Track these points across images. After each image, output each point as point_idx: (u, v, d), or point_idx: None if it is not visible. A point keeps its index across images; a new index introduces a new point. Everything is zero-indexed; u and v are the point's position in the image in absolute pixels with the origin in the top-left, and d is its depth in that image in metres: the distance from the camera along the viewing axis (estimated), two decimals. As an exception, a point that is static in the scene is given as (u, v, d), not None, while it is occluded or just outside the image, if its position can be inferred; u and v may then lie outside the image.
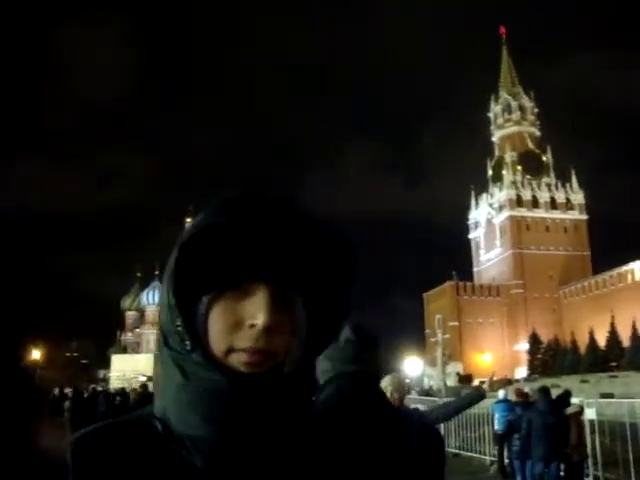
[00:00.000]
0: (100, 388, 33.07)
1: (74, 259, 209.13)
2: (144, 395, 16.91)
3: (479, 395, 5.79)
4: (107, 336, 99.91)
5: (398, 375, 5.27)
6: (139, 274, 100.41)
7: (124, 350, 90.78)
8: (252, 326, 0.68)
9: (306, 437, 0.75)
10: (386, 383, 4.89)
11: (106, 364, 79.19)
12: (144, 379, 63.82)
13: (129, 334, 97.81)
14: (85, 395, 19.54)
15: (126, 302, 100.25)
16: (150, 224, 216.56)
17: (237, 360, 0.68)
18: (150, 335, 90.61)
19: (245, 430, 0.68)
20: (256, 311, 0.67)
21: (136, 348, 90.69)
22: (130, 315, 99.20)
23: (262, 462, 0.70)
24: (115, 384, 56.36)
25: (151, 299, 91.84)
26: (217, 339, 0.69)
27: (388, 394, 4.76)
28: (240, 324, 0.68)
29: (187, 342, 0.68)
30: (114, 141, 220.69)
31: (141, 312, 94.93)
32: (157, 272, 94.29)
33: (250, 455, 0.69)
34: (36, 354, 56.99)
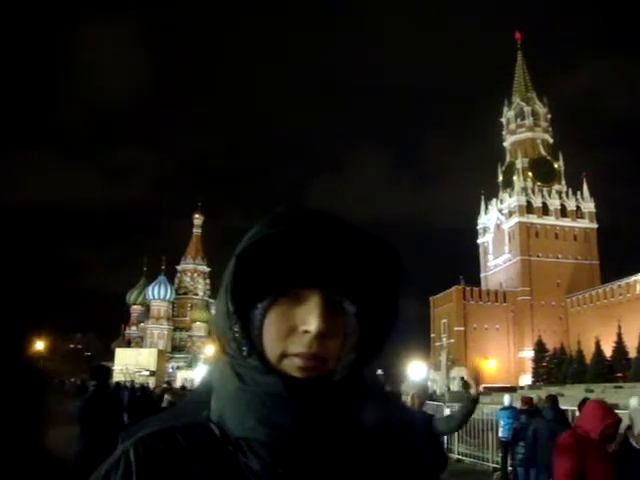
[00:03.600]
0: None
1: (83, 252, 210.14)
2: (167, 391, 17.34)
3: (473, 402, 5.68)
4: (111, 330, 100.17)
5: (420, 382, 5.28)
6: (145, 268, 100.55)
7: (128, 344, 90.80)
8: (305, 332, 0.70)
9: (357, 444, 0.77)
10: (408, 387, 4.88)
11: (110, 357, 79.28)
12: (147, 373, 64.02)
13: (133, 328, 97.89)
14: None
15: (132, 296, 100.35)
16: (158, 220, 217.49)
17: (291, 365, 0.70)
18: (154, 330, 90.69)
19: (300, 433, 0.70)
20: (309, 317, 0.70)
21: (140, 342, 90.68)
22: (135, 309, 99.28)
23: (316, 467, 0.72)
24: (118, 377, 56.43)
25: (156, 294, 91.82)
26: (272, 344, 0.71)
27: (409, 398, 4.73)
28: (294, 330, 0.71)
29: (244, 347, 0.72)
30: (126, 137, 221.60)
31: (146, 306, 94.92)
32: (163, 267, 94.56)
33: (305, 459, 0.71)
34: (40, 345, 57.22)
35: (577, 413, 9.76)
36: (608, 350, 56.64)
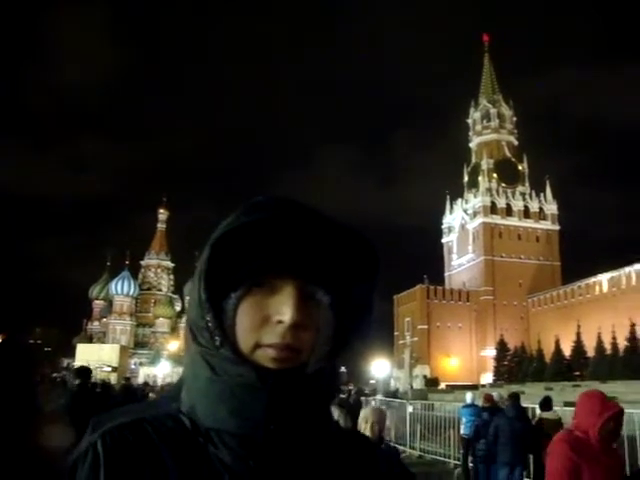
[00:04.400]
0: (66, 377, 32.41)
1: (45, 244, 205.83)
2: (126, 387, 17.27)
3: None
4: (73, 324, 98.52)
5: (379, 407, 5.18)
6: (109, 263, 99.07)
7: (90, 339, 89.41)
8: (279, 322, 0.69)
9: (328, 435, 0.77)
10: (366, 414, 4.79)
11: (71, 353, 77.91)
12: (109, 369, 63.03)
13: (96, 323, 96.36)
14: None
15: (94, 291, 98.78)
16: (123, 214, 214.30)
17: (264, 356, 0.70)
18: (117, 325, 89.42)
19: (272, 425, 0.69)
20: (283, 307, 0.69)
21: (102, 338, 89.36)
22: (98, 304, 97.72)
23: (287, 458, 0.71)
24: (79, 373, 55.41)
25: (120, 289, 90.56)
26: (245, 335, 0.70)
27: (368, 425, 4.66)
28: (267, 320, 0.70)
29: (217, 337, 0.70)
30: (94, 130, 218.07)
31: (109, 302, 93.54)
32: (127, 262, 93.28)
33: (276, 451, 0.70)
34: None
35: (537, 411, 9.94)
36: (567, 349, 57.75)
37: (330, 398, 0.79)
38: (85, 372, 7.78)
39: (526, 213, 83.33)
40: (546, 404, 9.29)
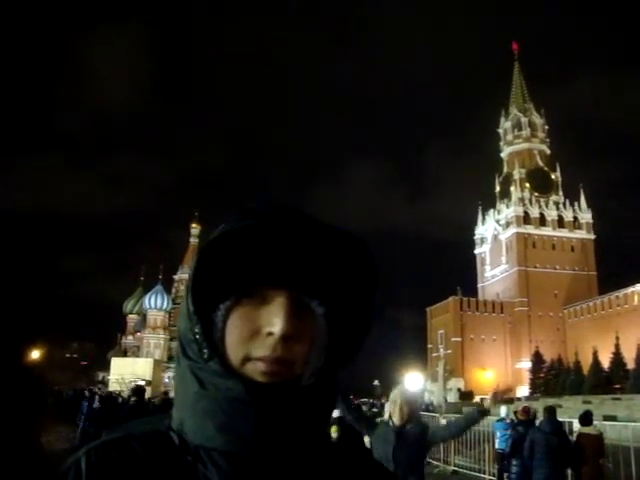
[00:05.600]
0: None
1: (80, 260, 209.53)
2: (166, 401, 17.74)
3: (481, 412, 5.48)
4: (108, 339, 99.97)
5: (407, 388, 4.90)
6: (142, 278, 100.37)
7: (124, 353, 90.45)
8: (269, 334, 0.67)
9: (323, 452, 0.74)
10: (395, 396, 4.50)
11: (106, 367, 78.82)
12: (143, 383, 63.57)
13: (130, 337, 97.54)
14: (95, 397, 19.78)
15: (128, 305, 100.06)
16: (156, 229, 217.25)
17: (254, 369, 0.67)
18: (151, 339, 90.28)
19: (261, 442, 0.66)
20: (274, 319, 0.67)
21: (136, 352, 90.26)
22: (132, 318, 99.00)
23: (277, 477, 0.68)
24: (114, 387, 56.04)
25: (153, 303, 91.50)
26: (234, 347, 0.68)
27: (397, 407, 4.39)
28: (258, 332, 0.67)
29: (205, 350, 0.67)
30: (127, 146, 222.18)
31: (143, 316, 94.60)
32: (160, 276, 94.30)
33: (266, 469, 0.67)
34: (35, 354, 56.81)
35: (575, 425, 9.67)
36: (606, 361, 56.42)
37: (327, 413, 0.74)
38: (140, 390, 8.89)
39: (560, 222, 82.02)
40: (586, 418, 8.97)
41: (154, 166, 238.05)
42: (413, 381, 50.13)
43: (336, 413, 6.21)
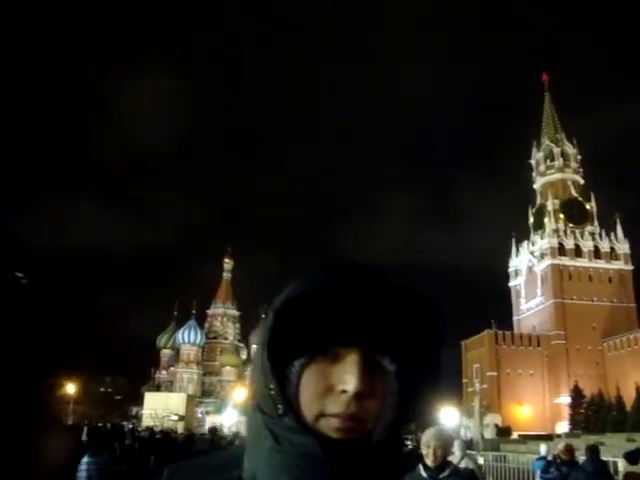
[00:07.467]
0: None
1: (114, 296, 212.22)
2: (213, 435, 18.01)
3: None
4: (141, 373, 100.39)
5: (442, 429, 4.57)
6: (176, 313, 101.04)
7: (158, 388, 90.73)
8: (343, 391, 0.68)
9: None
10: (428, 438, 4.24)
11: (139, 401, 79.14)
12: (176, 418, 63.49)
13: (163, 372, 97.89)
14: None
15: (162, 340, 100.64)
16: (189, 264, 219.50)
17: (328, 425, 0.68)
18: (184, 374, 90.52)
19: None
20: (347, 376, 0.68)
21: (170, 387, 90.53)
22: (165, 353, 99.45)
23: None
24: (147, 422, 56.10)
25: (186, 338, 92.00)
26: (308, 404, 0.69)
27: (431, 450, 4.16)
28: (331, 389, 0.69)
29: (280, 406, 0.69)
30: (159, 183, 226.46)
31: (176, 350, 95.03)
32: (193, 311, 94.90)
33: None
34: (71, 388, 57.43)
35: (619, 464, 9.29)
36: (649, 396, 54.67)
37: (396, 467, 0.75)
38: (215, 430, 9.80)
39: (596, 253, 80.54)
40: (634, 457, 8.58)
41: (186, 202, 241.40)
42: (448, 416, 49.09)
43: None
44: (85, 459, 8.25)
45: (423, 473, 4.08)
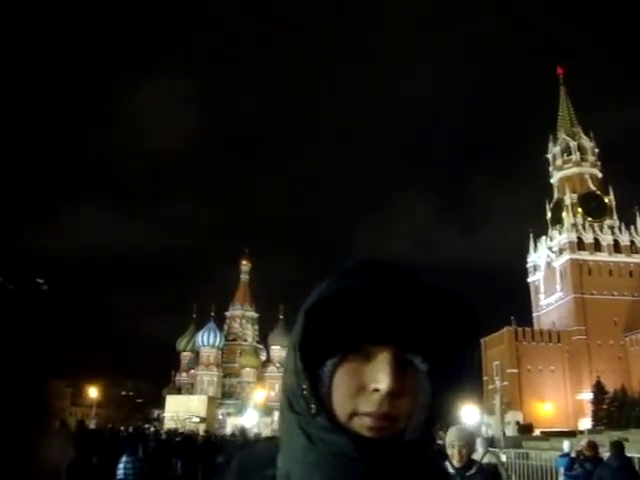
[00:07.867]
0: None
1: (134, 300, 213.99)
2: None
3: None
4: (162, 376, 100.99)
5: (464, 428, 4.60)
6: (195, 315, 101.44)
7: (178, 391, 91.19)
8: (376, 390, 0.68)
9: None
10: (452, 439, 4.29)
11: (160, 404, 79.72)
12: (197, 420, 63.91)
13: (184, 375, 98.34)
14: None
15: (181, 343, 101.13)
16: (207, 266, 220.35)
17: (360, 424, 0.69)
18: (205, 376, 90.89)
19: None
20: (379, 375, 0.68)
21: (190, 389, 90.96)
22: (185, 356, 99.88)
23: None
24: (169, 424, 56.53)
25: (206, 340, 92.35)
26: (341, 403, 0.69)
27: (455, 450, 4.22)
28: (364, 388, 0.69)
29: (312, 405, 0.69)
30: (175, 187, 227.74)
31: (196, 353, 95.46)
32: (212, 313, 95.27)
33: None
34: (93, 392, 58.04)
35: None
36: (673, 391, 54.06)
37: (428, 466, 0.76)
38: (244, 431, 12.32)
39: (616, 247, 79.69)
40: None
41: (203, 205, 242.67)
42: (469, 414, 48.89)
43: None
44: (123, 458, 9.30)
45: (451, 470, 4.17)
